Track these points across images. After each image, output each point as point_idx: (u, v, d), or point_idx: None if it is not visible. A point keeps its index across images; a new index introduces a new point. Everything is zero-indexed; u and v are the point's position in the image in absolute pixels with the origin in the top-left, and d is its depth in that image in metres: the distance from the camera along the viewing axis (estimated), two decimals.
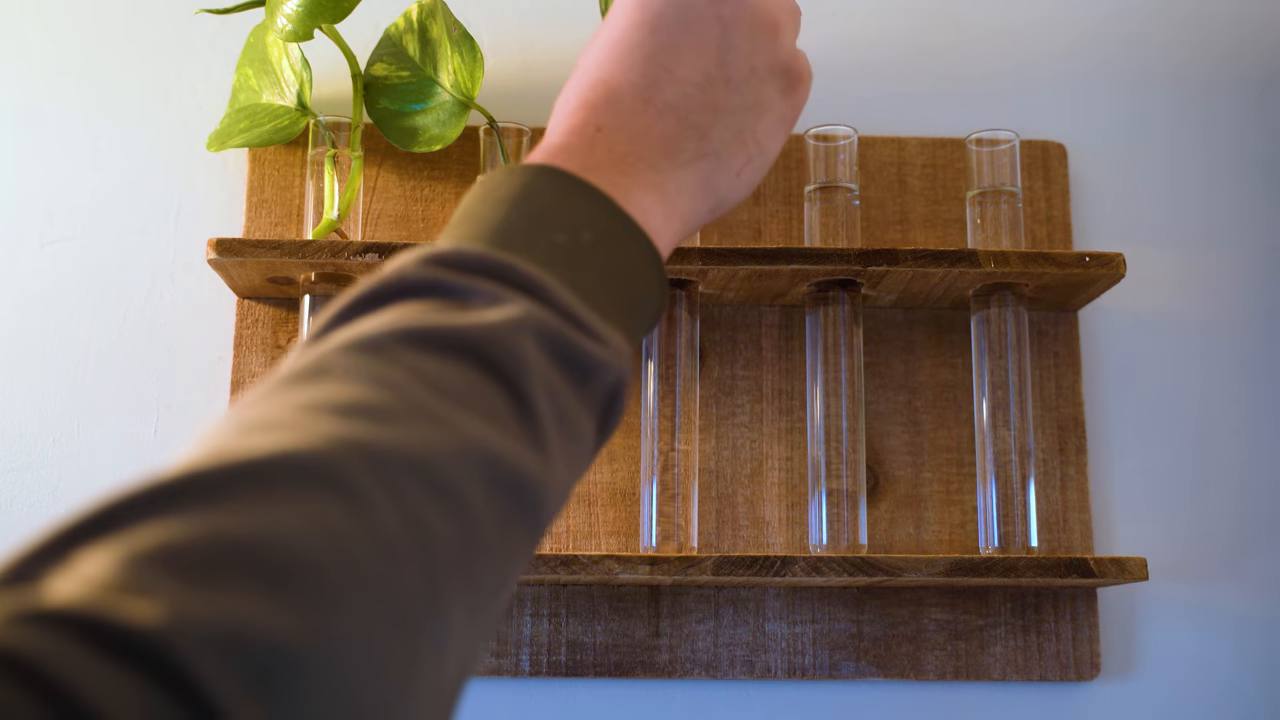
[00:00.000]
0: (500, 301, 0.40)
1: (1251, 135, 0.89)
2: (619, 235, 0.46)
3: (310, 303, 0.78)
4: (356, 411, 0.34)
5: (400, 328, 0.38)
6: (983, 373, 0.79)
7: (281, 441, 0.32)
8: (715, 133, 0.50)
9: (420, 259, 0.41)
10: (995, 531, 0.77)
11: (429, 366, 0.37)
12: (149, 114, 0.87)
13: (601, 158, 0.47)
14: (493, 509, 0.36)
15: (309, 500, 0.30)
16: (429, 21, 0.79)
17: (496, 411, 0.38)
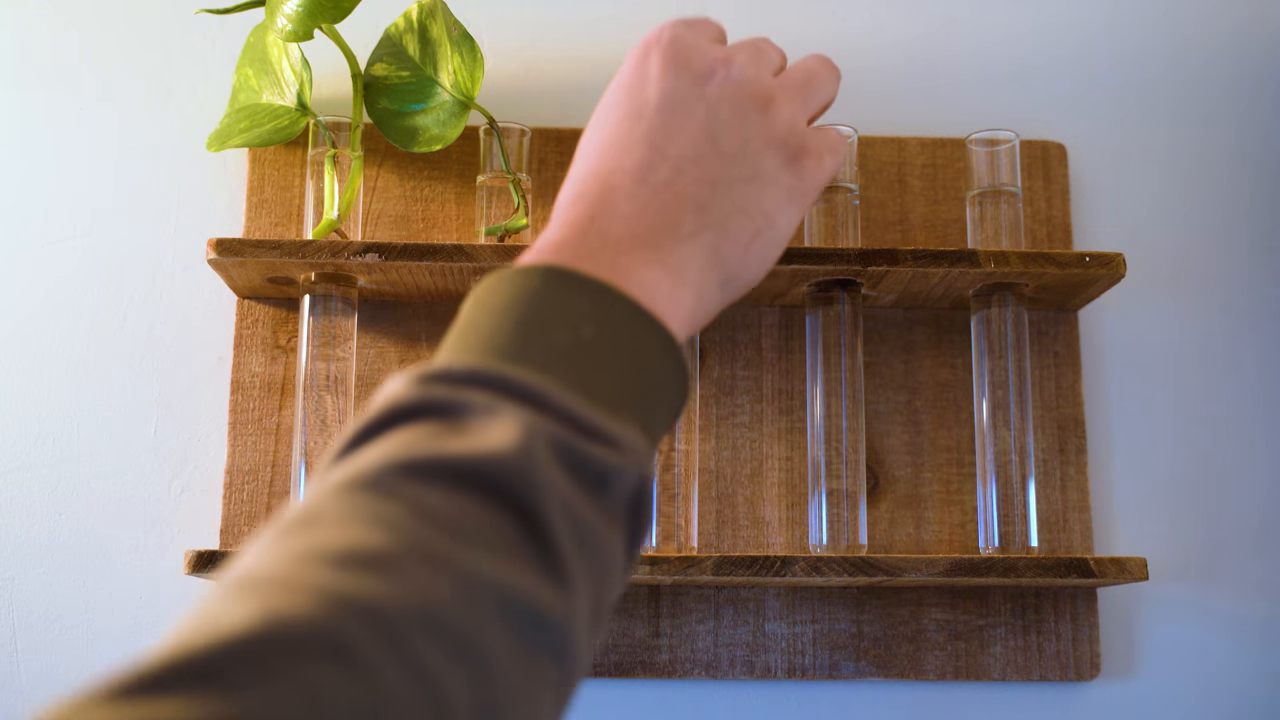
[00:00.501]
0: (498, 416, 0.38)
1: (1252, 135, 0.89)
2: (623, 322, 0.44)
3: (310, 303, 0.78)
4: (354, 562, 0.32)
5: (396, 460, 0.36)
6: (983, 373, 0.79)
7: (276, 607, 0.30)
8: (715, 205, 0.49)
9: (411, 379, 0.40)
10: (995, 531, 0.77)
11: (430, 500, 0.35)
12: (149, 114, 0.87)
13: (596, 244, 0.47)
14: (510, 649, 0.34)
15: (307, 676, 0.29)
16: (429, 21, 0.79)
17: (506, 542, 0.36)
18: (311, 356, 0.77)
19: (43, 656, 0.79)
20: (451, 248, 0.75)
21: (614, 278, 0.45)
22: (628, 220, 0.48)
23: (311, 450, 0.76)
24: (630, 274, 0.46)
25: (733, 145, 0.51)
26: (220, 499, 0.80)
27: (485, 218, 0.79)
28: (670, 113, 0.51)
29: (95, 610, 0.79)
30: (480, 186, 0.80)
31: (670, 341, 0.45)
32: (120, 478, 0.81)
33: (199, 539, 0.80)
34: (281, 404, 0.81)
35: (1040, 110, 0.89)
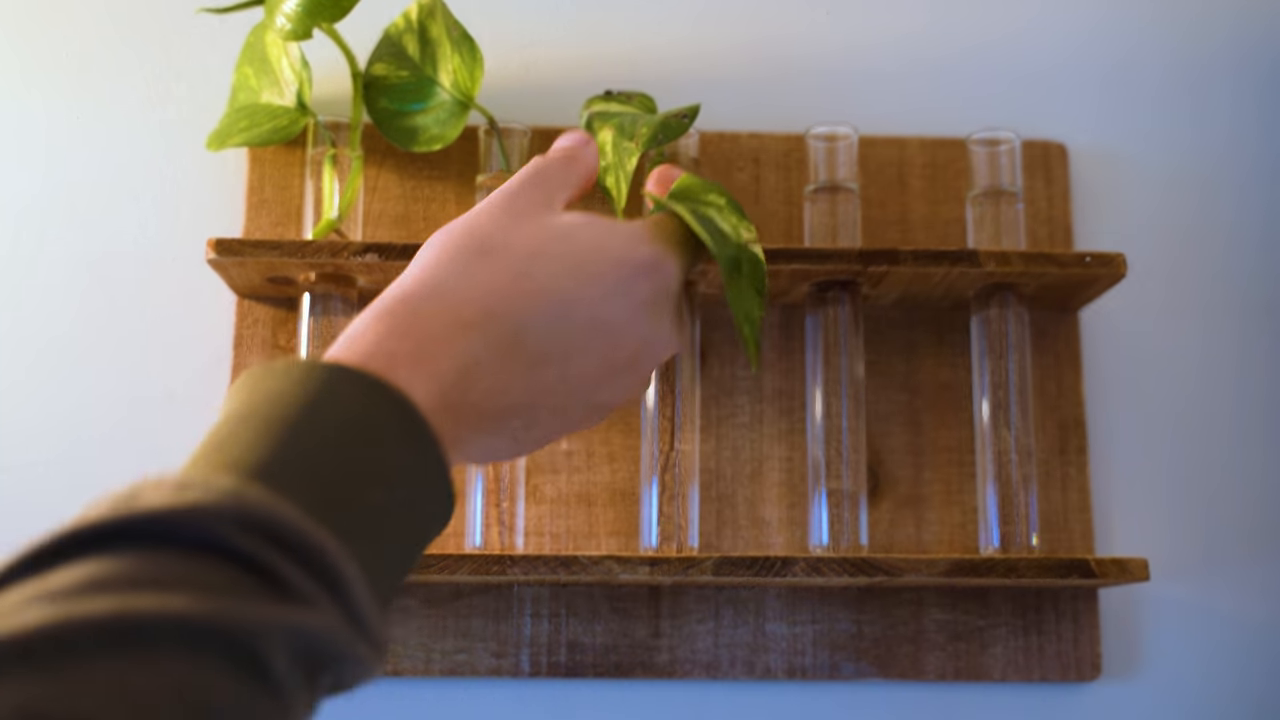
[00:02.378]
0: (313, 607, 0.36)
1: (1252, 135, 0.89)
2: (430, 496, 0.44)
3: (310, 302, 0.78)
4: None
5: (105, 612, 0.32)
6: (983, 373, 0.79)
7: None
8: (539, 431, 0.51)
9: (226, 514, 0.36)
10: (996, 532, 0.77)
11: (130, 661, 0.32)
12: (149, 114, 0.87)
13: (466, 401, 0.47)
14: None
15: None
16: (429, 21, 0.79)
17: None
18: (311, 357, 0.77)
19: None
20: None
21: (449, 448, 0.46)
22: (495, 395, 0.48)
23: None
24: (461, 450, 0.48)
25: (604, 399, 0.53)
26: None
27: None
28: (609, 333, 0.52)
29: None
30: (480, 186, 0.80)
31: (446, 522, 0.46)
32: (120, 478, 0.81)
33: None
34: None
35: (1040, 110, 0.89)
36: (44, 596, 0.33)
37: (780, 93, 0.88)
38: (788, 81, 0.89)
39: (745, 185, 0.86)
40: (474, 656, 0.79)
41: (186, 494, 0.36)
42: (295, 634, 0.35)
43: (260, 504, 0.37)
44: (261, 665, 0.34)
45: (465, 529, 0.77)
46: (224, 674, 0.33)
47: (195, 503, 0.36)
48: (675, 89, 0.85)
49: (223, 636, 0.33)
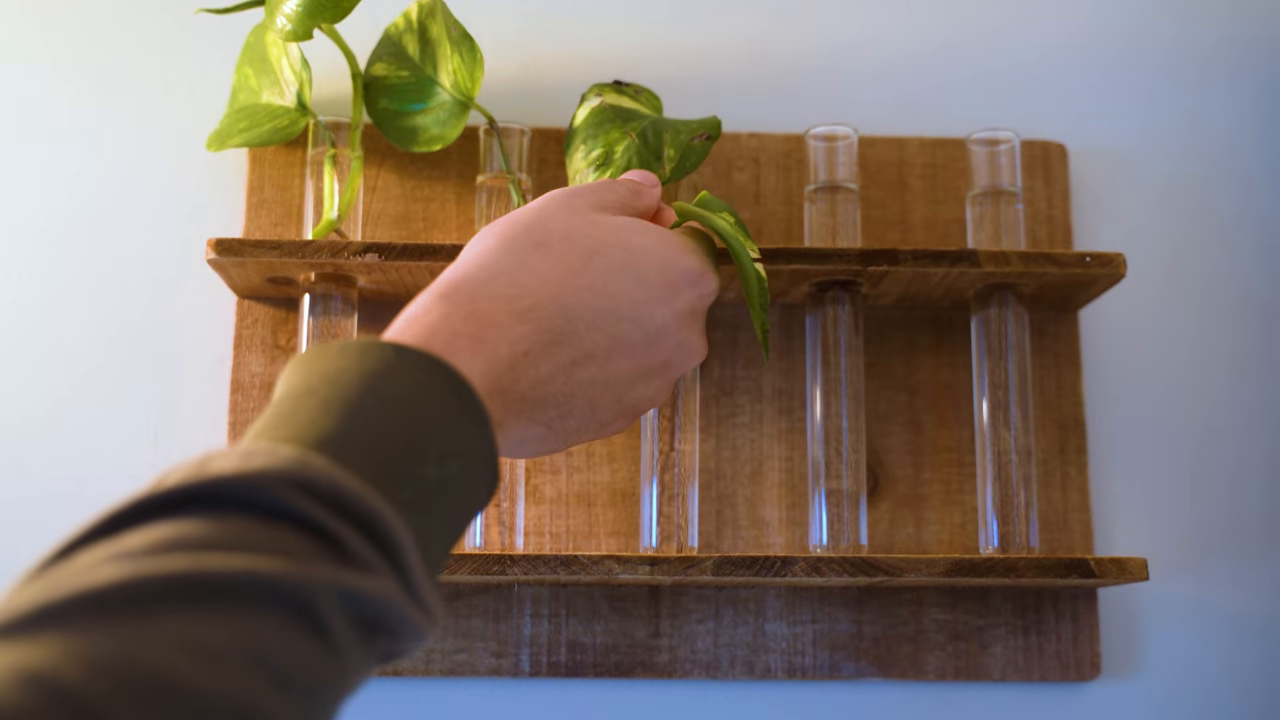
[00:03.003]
0: (372, 572, 0.37)
1: (1252, 135, 0.89)
2: (479, 474, 0.45)
3: (310, 303, 0.78)
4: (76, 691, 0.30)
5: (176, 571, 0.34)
6: (983, 373, 0.79)
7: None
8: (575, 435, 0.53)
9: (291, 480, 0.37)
10: (995, 532, 0.77)
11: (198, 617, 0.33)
12: (149, 114, 0.87)
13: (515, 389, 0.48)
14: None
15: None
16: (429, 21, 0.79)
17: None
18: None
19: None
20: (451, 248, 0.75)
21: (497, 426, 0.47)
22: (547, 386, 0.50)
23: None
24: (508, 431, 0.49)
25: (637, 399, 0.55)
26: None
27: (485, 218, 0.79)
28: (657, 343, 0.54)
29: None
30: (480, 186, 0.80)
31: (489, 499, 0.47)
32: (120, 478, 0.81)
33: None
34: None
35: (1040, 110, 0.89)
36: (119, 556, 0.34)
37: (780, 93, 0.88)
38: (788, 81, 0.89)
39: (745, 185, 0.86)
40: (474, 656, 0.79)
41: (253, 460, 0.38)
42: (354, 597, 0.36)
43: (323, 472, 0.38)
44: (321, 624, 0.35)
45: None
46: (286, 630, 0.34)
47: (261, 469, 0.37)
48: (675, 89, 0.85)
49: (286, 595, 0.34)
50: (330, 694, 0.36)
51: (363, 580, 0.37)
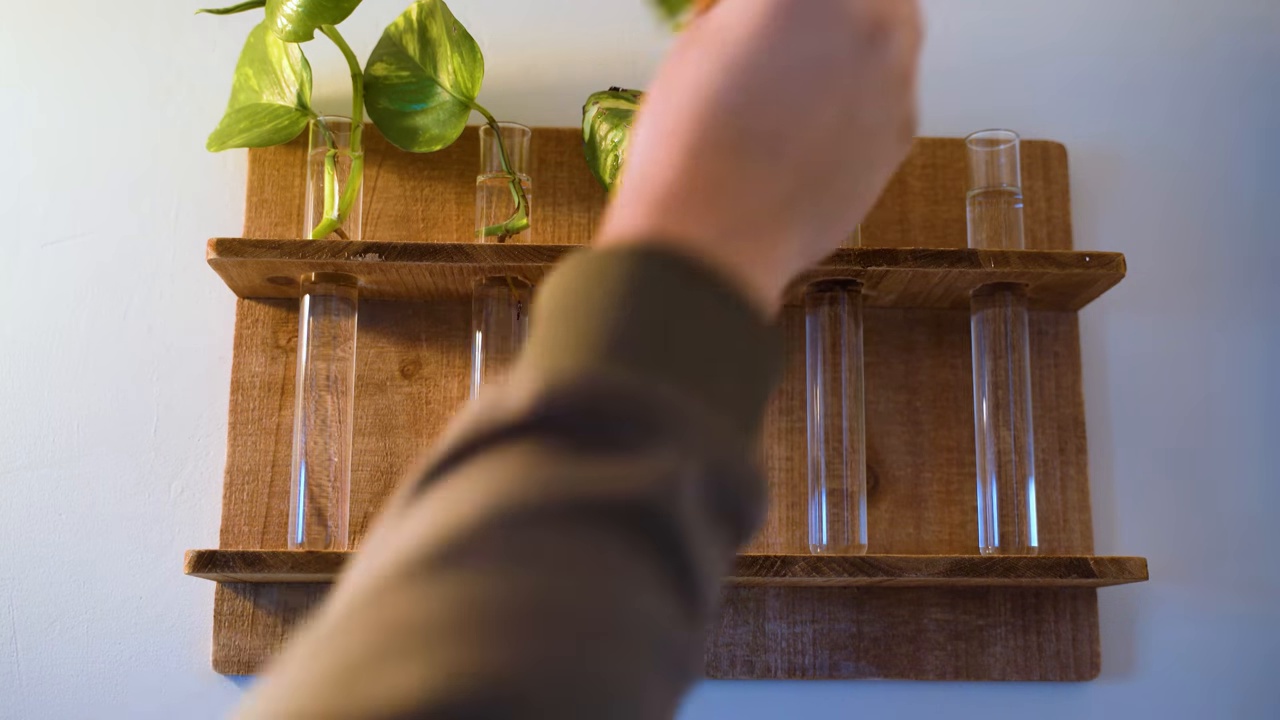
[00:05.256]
0: (645, 450, 0.36)
1: (1251, 135, 0.89)
2: (742, 321, 0.41)
3: (310, 303, 0.78)
4: (509, 625, 0.30)
5: (541, 496, 0.34)
6: (983, 373, 0.79)
7: (426, 686, 0.28)
8: (831, 192, 0.46)
9: (536, 391, 0.36)
10: (995, 531, 0.77)
11: (580, 542, 0.33)
12: (149, 114, 0.87)
13: (726, 224, 0.42)
14: (660, 697, 0.33)
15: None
16: (429, 21, 0.79)
17: (656, 587, 0.34)
18: (311, 356, 0.77)
19: (43, 656, 0.79)
20: (451, 248, 0.75)
21: (744, 274, 0.42)
22: (754, 195, 0.43)
23: (311, 450, 0.76)
24: (753, 267, 0.43)
25: (869, 126, 0.46)
26: (220, 499, 0.80)
27: (485, 218, 0.79)
28: (821, 73, 0.45)
29: (95, 610, 0.79)
30: (480, 186, 0.80)
31: (777, 340, 0.43)
32: (120, 478, 0.81)
33: (199, 539, 0.80)
34: (281, 404, 0.81)
35: (1040, 110, 0.89)
36: (459, 494, 0.34)
37: None
38: None
39: None
40: None
41: (541, 380, 0.37)
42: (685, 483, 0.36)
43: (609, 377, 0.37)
44: (664, 526, 0.35)
45: None
46: (636, 541, 0.34)
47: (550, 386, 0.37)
48: None
49: (625, 507, 0.34)
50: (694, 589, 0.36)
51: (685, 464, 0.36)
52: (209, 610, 0.79)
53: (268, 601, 0.79)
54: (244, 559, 0.72)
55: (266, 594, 0.79)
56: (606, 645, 0.32)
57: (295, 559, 0.72)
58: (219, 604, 0.79)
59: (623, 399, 0.37)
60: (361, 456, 0.81)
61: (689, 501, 0.36)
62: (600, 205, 0.84)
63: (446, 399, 0.82)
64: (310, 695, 0.28)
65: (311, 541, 0.75)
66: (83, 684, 0.78)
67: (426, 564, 0.32)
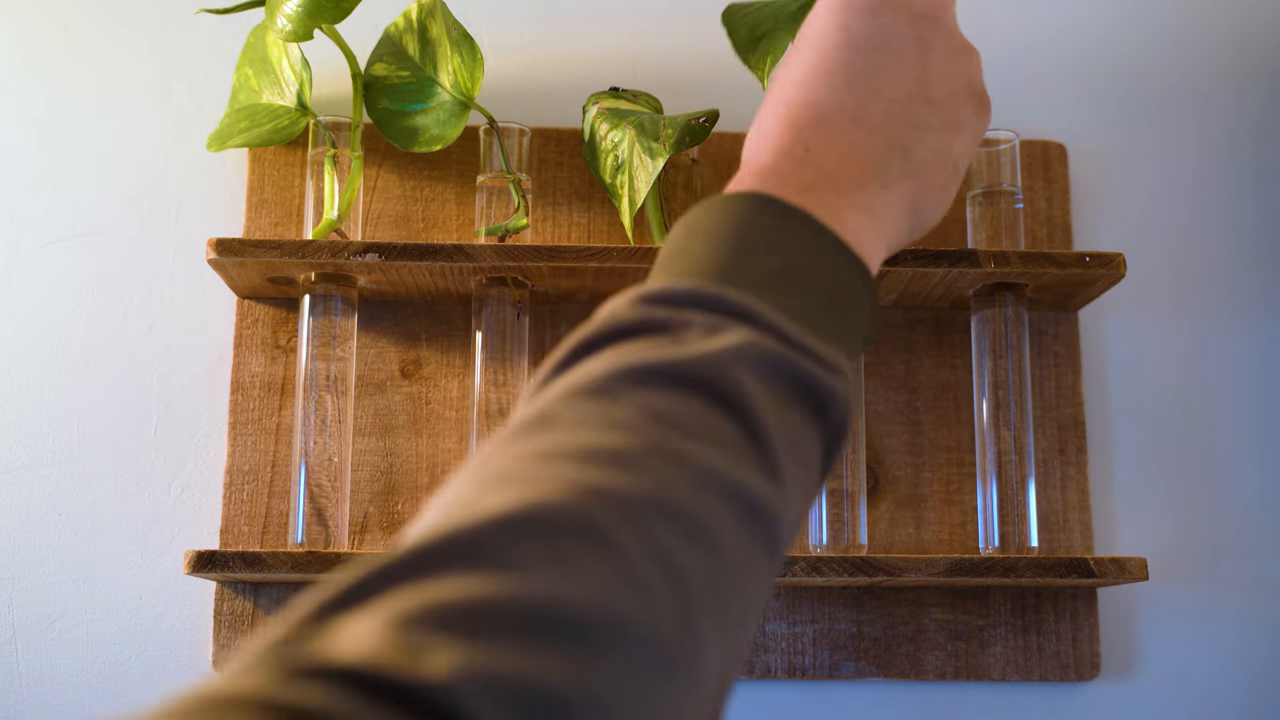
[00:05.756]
0: (716, 331, 0.40)
1: (1251, 135, 0.89)
2: (831, 259, 0.45)
3: (310, 303, 0.78)
4: (592, 457, 0.35)
5: (620, 367, 0.38)
6: (983, 373, 0.79)
7: (524, 496, 0.33)
8: (918, 152, 0.50)
9: (631, 300, 0.41)
10: (995, 531, 0.77)
11: (655, 402, 0.37)
12: (149, 114, 0.87)
13: (812, 178, 0.47)
14: (736, 539, 0.36)
15: (562, 552, 0.31)
16: (429, 21, 0.79)
17: (728, 440, 0.38)
18: (311, 356, 0.77)
19: (43, 656, 0.79)
20: (451, 248, 0.75)
21: (827, 217, 0.46)
22: (841, 159, 0.48)
23: (311, 450, 0.76)
24: (843, 217, 0.47)
25: (941, 92, 0.51)
26: (220, 499, 0.80)
27: (485, 218, 0.79)
28: (885, 49, 0.50)
29: (95, 610, 0.79)
30: (480, 186, 0.80)
31: (870, 283, 0.46)
32: (120, 478, 0.81)
33: (199, 539, 0.80)
34: (281, 404, 0.81)
35: (1040, 110, 0.89)
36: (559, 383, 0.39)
37: None
38: None
39: None
40: None
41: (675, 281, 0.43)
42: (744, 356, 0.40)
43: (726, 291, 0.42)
44: (722, 385, 0.39)
45: None
46: (696, 397, 0.38)
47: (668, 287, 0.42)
48: (675, 89, 0.85)
49: (684, 370, 0.39)
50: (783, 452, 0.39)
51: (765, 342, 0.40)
52: (209, 610, 0.79)
53: (268, 602, 0.79)
54: (244, 559, 0.72)
55: (266, 594, 0.79)
56: (673, 475, 0.35)
57: (295, 559, 0.72)
58: (219, 604, 0.79)
59: (697, 299, 0.41)
60: (361, 456, 0.81)
61: (749, 370, 0.39)
62: (600, 205, 0.84)
63: (446, 399, 0.82)
64: (442, 517, 0.32)
65: (311, 542, 0.75)
66: (82, 684, 0.78)
67: (521, 429, 0.37)
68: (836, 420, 0.42)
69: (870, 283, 0.46)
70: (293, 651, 0.27)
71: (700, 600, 0.34)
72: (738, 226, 0.45)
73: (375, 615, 0.28)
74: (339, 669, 0.26)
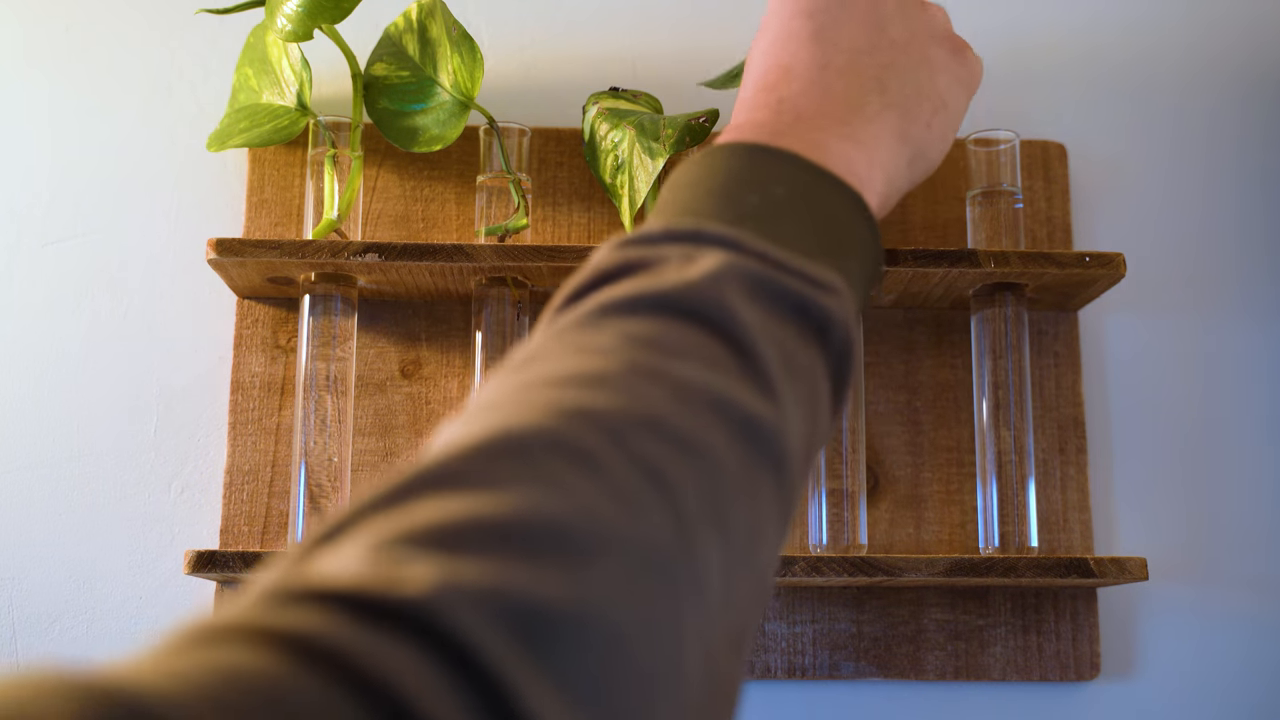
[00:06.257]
0: (693, 259, 0.40)
1: (1252, 135, 0.89)
2: (815, 186, 0.46)
3: (310, 303, 0.78)
4: (571, 382, 0.35)
5: (600, 302, 0.39)
6: (983, 373, 0.79)
7: (505, 419, 0.33)
8: (894, 86, 0.52)
9: (610, 246, 0.42)
10: (995, 531, 0.77)
11: (635, 328, 0.38)
12: (149, 114, 0.87)
13: (789, 121, 0.49)
14: (731, 451, 0.36)
15: (542, 470, 0.31)
16: (429, 21, 0.79)
17: (714, 358, 0.38)
18: (311, 356, 0.77)
19: (44, 655, 0.79)
20: (451, 248, 0.75)
21: (809, 151, 0.47)
22: (816, 102, 0.50)
23: (311, 450, 0.76)
24: (826, 147, 0.48)
25: (902, 35, 0.53)
26: (220, 499, 0.80)
27: (485, 218, 0.79)
28: (839, 8, 0.53)
29: (95, 610, 0.79)
30: (480, 186, 0.80)
31: (861, 203, 0.47)
32: (120, 478, 0.81)
33: (199, 539, 0.80)
34: (281, 404, 0.81)
35: (1040, 110, 0.89)
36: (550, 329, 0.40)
37: None
38: None
39: None
40: None
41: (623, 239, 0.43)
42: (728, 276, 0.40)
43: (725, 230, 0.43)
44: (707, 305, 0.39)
45: None
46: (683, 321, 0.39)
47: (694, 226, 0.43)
48: (675, 90, 0.85)
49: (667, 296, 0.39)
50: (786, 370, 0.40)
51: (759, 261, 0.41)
52: (209, 611, 0.79)
53: None
54: (244, 559, 0.72)
55: None
56: (656, 393, 0.35)
57: None
58: (219, 604, 0.79)
59: (672, 235, 0.42)
60: (361, 456, 0.81)
61: (732, 289, 0.39)
62: (600, 205, 0.84)
63: (446, 399, 0.82)
64: (427, 453, 0.33)
65: None
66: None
67: (509, 368, 0.38)
68: (838, 342, 0.42)
69: (864, 207, 0.47)
70: (282, 582, 0.27)
71: (696, 511, 0.33)
72: (716, 171, 0.46)
73: (357, 542, 0.28)
74: (324, 593, 0.26)
